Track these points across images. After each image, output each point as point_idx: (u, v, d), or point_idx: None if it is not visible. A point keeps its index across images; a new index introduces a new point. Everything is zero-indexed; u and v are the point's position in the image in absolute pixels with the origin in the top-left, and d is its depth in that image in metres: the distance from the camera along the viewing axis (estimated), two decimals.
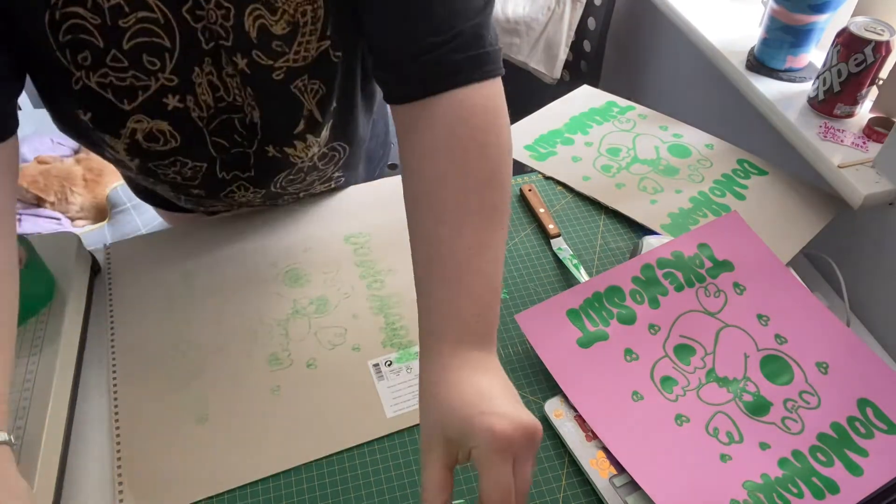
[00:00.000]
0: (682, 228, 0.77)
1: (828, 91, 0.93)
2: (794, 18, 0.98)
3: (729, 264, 0.67)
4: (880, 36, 0.86)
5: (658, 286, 0.66)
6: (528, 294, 0.71)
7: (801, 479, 0.54)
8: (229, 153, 0.64)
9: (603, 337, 0.63)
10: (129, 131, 0.57)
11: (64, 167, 1.74)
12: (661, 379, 0.61)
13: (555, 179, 0.85)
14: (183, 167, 0.63)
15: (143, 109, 0.56)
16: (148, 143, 0.59)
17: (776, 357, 0.62)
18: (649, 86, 1.67)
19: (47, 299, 0.65)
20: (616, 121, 0.95)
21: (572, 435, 0.58)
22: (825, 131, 0.92)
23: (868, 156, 0.88)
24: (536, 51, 1.55)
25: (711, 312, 0.65)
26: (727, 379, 0.61)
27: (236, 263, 0.73)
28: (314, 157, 0.69)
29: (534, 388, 0.62)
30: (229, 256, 0.74)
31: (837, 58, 0.89)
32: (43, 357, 0.59)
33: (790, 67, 1.04)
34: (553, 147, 0.91)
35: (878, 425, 0.57)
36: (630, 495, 0.53)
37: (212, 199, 0.72)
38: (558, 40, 1.52)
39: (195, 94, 0.57)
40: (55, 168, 1.71)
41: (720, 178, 0.85)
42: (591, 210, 0.81)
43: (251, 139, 0.63)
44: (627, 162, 0.88)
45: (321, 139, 0.66)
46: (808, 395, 0.60)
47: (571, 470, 0.56)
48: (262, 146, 0.64)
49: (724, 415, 0.59)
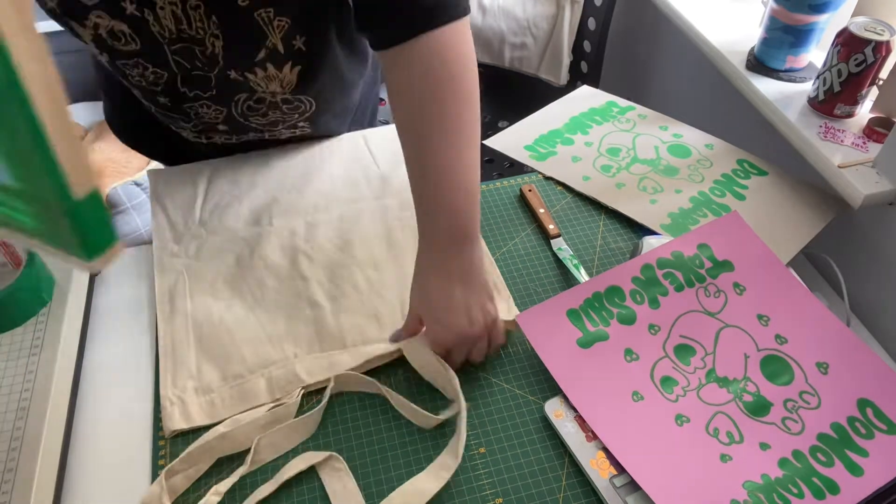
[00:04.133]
0: (682, 228, 0.77)
1: (828, 91, 0.93)
2: (794, 18, 0.98)
3: (729, 264, 0.67)
4: (880, 36, 0.86)
5: (658, 286, 0.66)
6: (528, 294, 0.71)
7: (801, 480, 0.54)
8: (190, 73, 0.66)
9: (603, 337, 0.63)
10: (92, 23, 0.59)
11: None
12: (661, 379, 0.61)
13: (555, 179, 0.85)
14: (145, 70, 0.65)
15: (103, 6, 0.57)
16: (112, 41, 0.61)
17: (776, 357, 0.62)
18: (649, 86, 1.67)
19: (47, 300, 0.65)
20: (616, 121, 0.95)
21: (572, 435, 0.58)
22: (825, 131, 0.92)
23: (868, 156, 0.88)
24: (544, 60, 1.58)
25: (711, 312, 0.65)
26: (727, 379, 0.61)
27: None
28: (276, 95, 0.70)
29: (534, 388, 0.62)
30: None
31: (837, 58, 0.89)
32: (43, 357, 0.59)
33: (790, 67, 1.04)
34: (553, 147, 0.91)
35: (878, 425, 0.57)
36: (630, 495, 0.53)
37: (178, 114, 0.73)
38: (561, 45, 1.53)
39: (156, 14, 0.59)
40: None
41: (720, 178, 0.85)
42: (591, 210, 0.81)
43: (212, 66, 0.65)
44: (627, 162, 0.88)
45: (283, 77, 0.68)
46: (808, 396, 0.60)
47: (571, 470, 0.56)
48: (224, 72, 0.66)
49: (724, 415, 0.59)
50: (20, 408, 0.55)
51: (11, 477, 0.51)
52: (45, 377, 0.57)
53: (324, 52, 0.69)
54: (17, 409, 0.55)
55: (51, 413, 0.55)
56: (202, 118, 0.73)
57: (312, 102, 0.75)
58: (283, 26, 0.62)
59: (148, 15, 0.59)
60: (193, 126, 0.76)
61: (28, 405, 0.56)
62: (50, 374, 0.58)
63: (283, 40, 0.64)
